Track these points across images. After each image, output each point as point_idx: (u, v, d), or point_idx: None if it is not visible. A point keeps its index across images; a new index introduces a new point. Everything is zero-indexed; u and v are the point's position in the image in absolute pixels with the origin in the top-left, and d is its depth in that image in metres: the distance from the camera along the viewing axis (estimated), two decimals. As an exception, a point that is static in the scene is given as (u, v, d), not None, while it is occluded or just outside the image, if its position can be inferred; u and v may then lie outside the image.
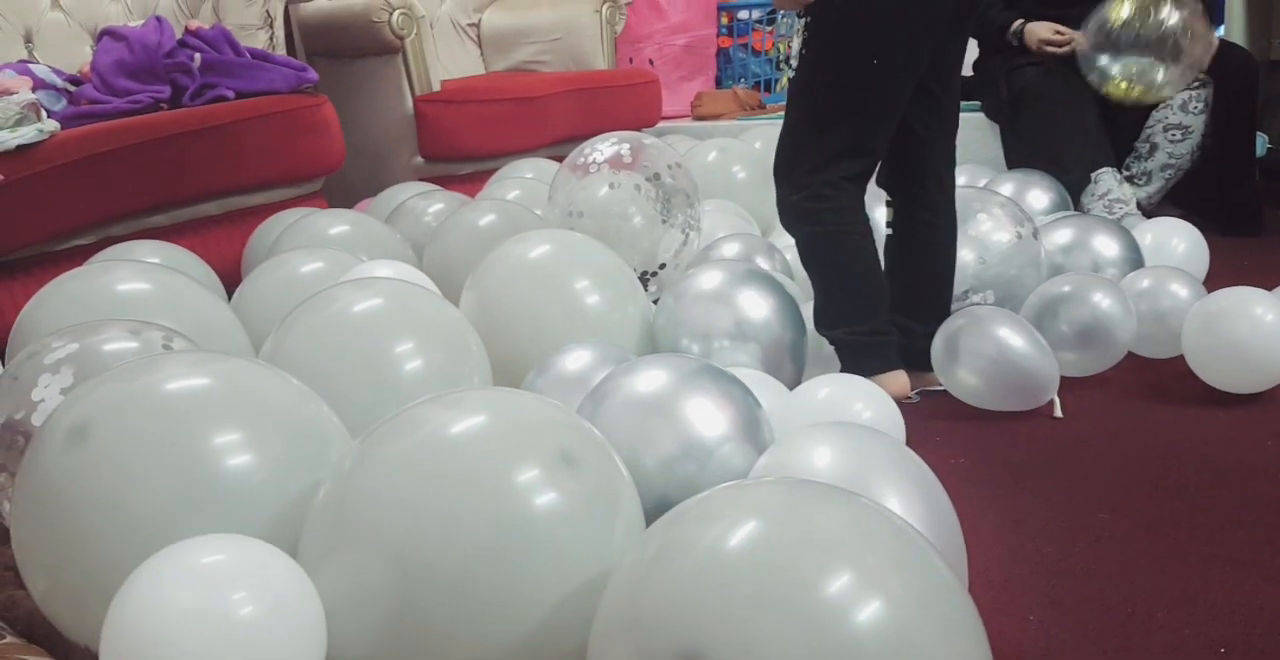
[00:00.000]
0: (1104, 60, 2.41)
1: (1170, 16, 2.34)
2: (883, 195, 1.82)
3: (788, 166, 1.71)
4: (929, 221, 1.80)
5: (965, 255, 1.92)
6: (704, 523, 0.78)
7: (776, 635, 0.70)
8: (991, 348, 1.66)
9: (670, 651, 0.72)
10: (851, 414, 1.38)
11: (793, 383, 1.62)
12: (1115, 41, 2.38)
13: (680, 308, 1.71)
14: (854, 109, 1.64)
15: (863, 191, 1.71)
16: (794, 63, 1.67)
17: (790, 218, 1.73)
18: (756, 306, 1.69)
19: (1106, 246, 2.04)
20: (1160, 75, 2.37)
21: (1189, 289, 1.82)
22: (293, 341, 1.39)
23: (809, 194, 1.68)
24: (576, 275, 1.72)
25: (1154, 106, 2.62)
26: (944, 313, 1.81)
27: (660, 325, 1.74)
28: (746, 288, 1.71)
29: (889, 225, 1.82)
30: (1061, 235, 2.07)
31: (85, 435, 0.99)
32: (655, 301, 1.87)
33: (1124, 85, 2.42)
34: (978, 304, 1.92)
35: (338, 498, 0.93)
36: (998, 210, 1.97)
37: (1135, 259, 2.04)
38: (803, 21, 1.63)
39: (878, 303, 1.72)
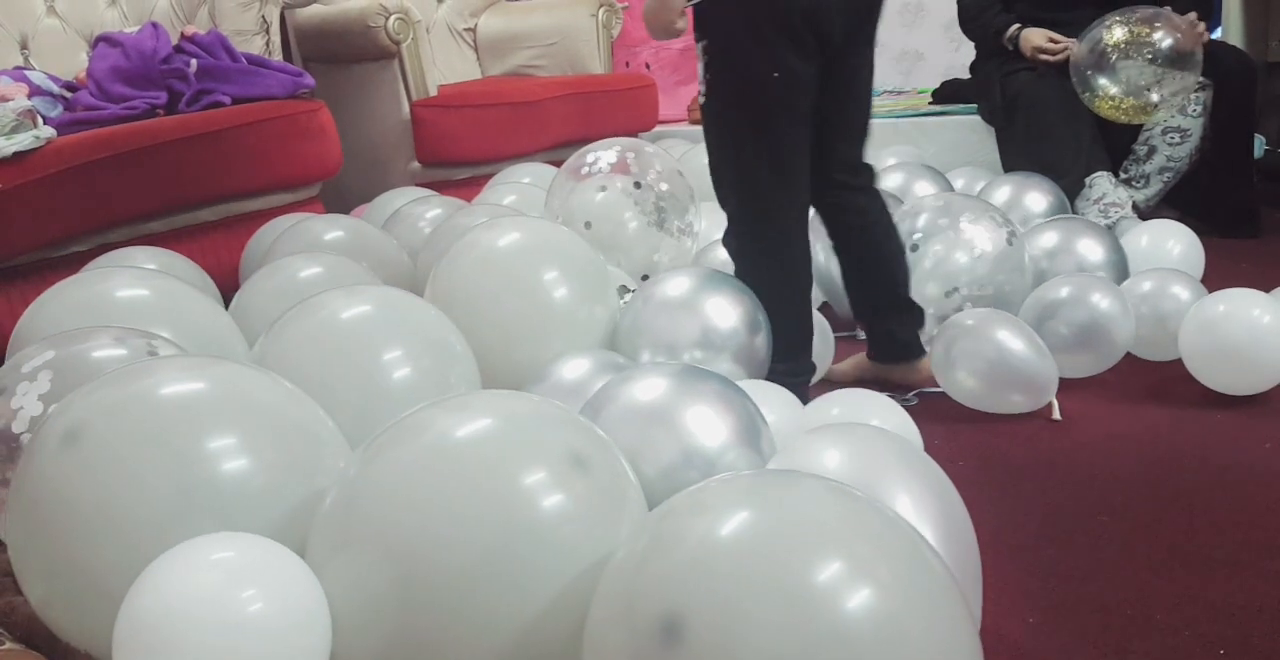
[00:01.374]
0: (1099, 81, 2.42)
1: (1163, 40, 2.36)
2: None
3: (724, 197, 1.73)
4: (860, 224, 1.82)
5: (957, 257, 1.91)
6: (695, 513, 0.80)
7: (761, 613, 0.71)
8: (990, 350, 1.66)
9: (655, 618, 0.73)
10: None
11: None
12: (1109, 64, 2.40)
13: (646, 313, 1.67)
14: (766, 124, 1.63)
15: (805, 226, 1.72)
16: (702, 90, 1.67)
17: (734, 247, 1.75)
18: (725, 315, 1.64)
19: (1091, 250, 2.03)
20: (1154, 97, 2.38)
21: (1190, 291, 1.82)
22: (279, 347, 1.39)
23: (756, 235, 1.69)
24: (543, 269, 1.68)
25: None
26: (907, 302, 1.83)
27: (623, 329, 1.69)
28: (715, 295, 1.65)
29: (830, 236, 1.86)
30: (1047, 239, 2.07)
31: (80, 439, 0.98)
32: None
33: (1117, 107, 2.43)
34: (972, 297, 1.90)
35: (346, 499, 0.93)
36: (980, 217, 1.94)
37: (1119, 262, 2.03)
38: (700, 45, 1.63)
39: (805, 342, 1.75)
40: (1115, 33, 2.39)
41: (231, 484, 0.99)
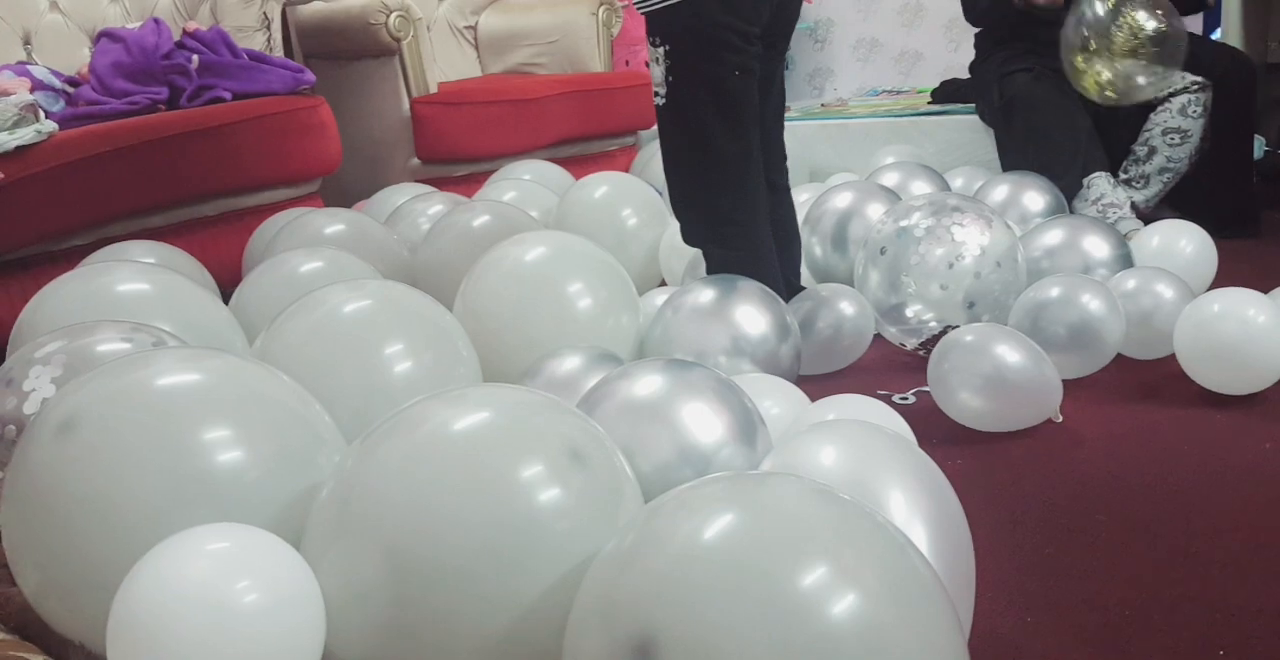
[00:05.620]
0: (1081, 62, 2.43)
1: (1147, 23, 2.36)
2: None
3: (691, 192, 1.82)
4: (782, 185, 2.01)
5: (950, 257, 1.89)
6: (680, 515, 0.80)
7: (737, 627, 0.71)
8: (990, 369, 1.61)
9: (628, 638, 0.73)
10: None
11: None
12: (1092, 43, 2.40)
13: (676, 322, 1.69)
14: (735, 116, 1.74)
15: (767, 215, 1.85)
16: (661, 93, 1.76)
17: (708, 241, 1.85)
18: (754, 323, 1.67)
19: (1096, 247, 2.03)
20: (1140, 78, 2.38)
21: (1174, 289, 1.82)
22: (281, 342, 1.39)
23: (733, 220, 1.80)
24: (569, 282, 1.71)
25: (1149, 109, 2.63)
26: (798, 289, 2.00)
27: (654, 338, 1.72)
28: (744, 304, 1.69)
29: None
30: (1052, 236, 2.07)
31: (75, 430, 0.99)
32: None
33: (1100, 87, 2.43)
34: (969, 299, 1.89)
35: (342, 491, 0.93)
36: (975, 216, 1.93)
37: (1125, 257, 2.03)
38: (661, 50, 1.71)
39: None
40: (1096, 6, 2.40)
41: (227, 475, 0.99)
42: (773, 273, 1.85)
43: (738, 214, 1.79)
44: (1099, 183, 2.55)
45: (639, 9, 1.73)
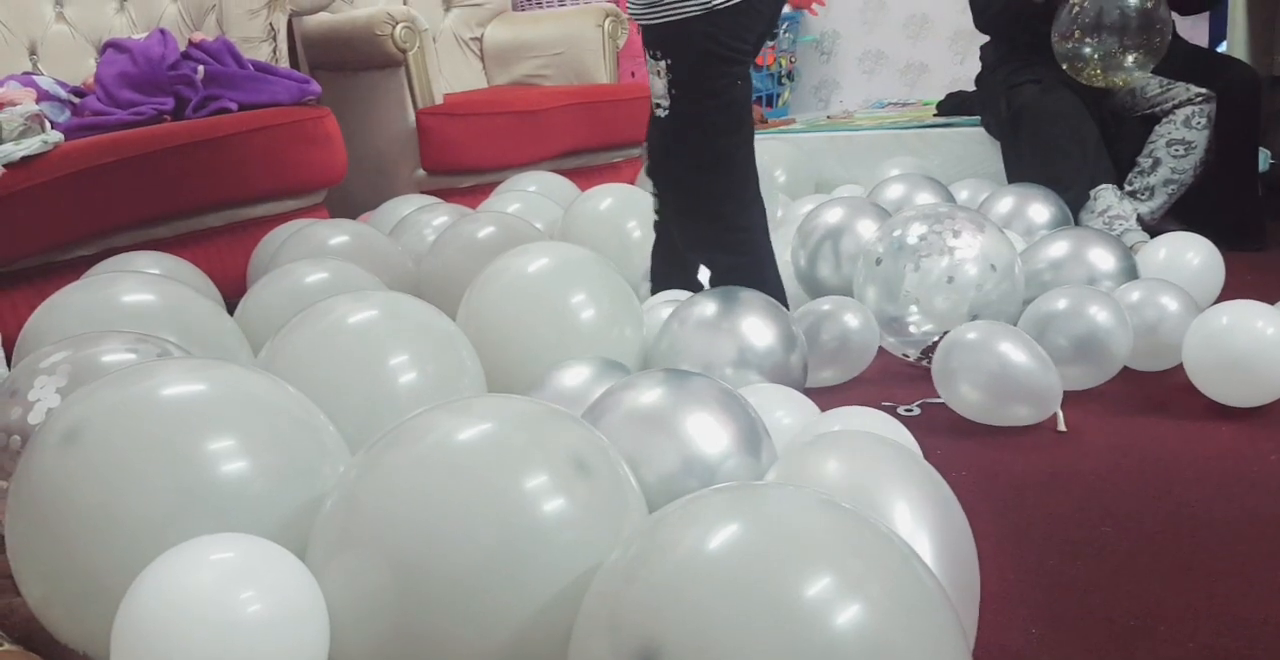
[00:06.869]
0: (1070, 48, 2.44)
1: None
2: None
3: (695, 210, 1.85)
4: None
5: (949, 266, 1.88)
6: (684, 526, 0.80)
7: (741, 638, 0.71)
8: (993, 363, 1.65)
9: (633, 649, 0.73)
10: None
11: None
12: (1081, 27, 2.41)
13: (684, 334, 1.69)
14: (739, 125, 1.78)
15: (767, 221, 1.88)
16: (664, 105, 1.78)
17: (710, 257, 1.87)
18: (761, 334, 1.67)
19: (1102, 259, 2.03)
20: (1129, 60, 2.39)
21: (1179, 302, 1.82)
22: (286, 353, 1.39)
23: (726, 244, 1.83)
24: (572, 294, 1.71)
25: (1154, 121, 2.64)
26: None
27: (660, 349, 1.72)
28: (751, 314, 1.69)
29: (657, 211, 1.98)
30: (1057, 248, 2.07)
31: (79, 440, 0.99)
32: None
33: (1096, 72, 2.45)
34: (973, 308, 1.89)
35: (347, 502, 0.93)
36: (968, 222, 1.92)
37: (1130, 269, 2.03)
38: (663, 63, 1.73)
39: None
40: None
41: (231, 485, 0.99)
42: (776, 277, 1.86)
43: (742, 219, 1.80)
44: (1106, 195, 2.55)
45: (638, 21, 1.74)
